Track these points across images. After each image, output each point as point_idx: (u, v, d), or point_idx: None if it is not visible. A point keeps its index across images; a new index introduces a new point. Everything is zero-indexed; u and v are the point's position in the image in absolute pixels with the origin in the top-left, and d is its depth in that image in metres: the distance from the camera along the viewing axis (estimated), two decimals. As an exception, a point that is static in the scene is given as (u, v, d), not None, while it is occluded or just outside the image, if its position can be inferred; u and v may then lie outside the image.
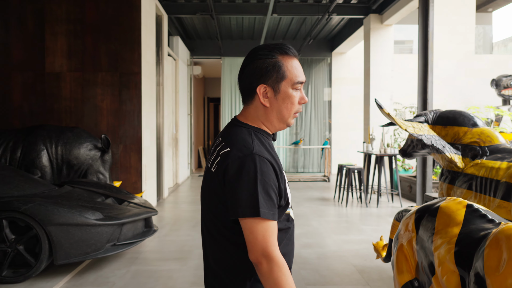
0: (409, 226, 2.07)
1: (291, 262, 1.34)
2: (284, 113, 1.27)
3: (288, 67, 1.24)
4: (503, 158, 2.82)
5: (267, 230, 1.13)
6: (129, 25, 5.68)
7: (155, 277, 3.50)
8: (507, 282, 1.32)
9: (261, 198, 1.13)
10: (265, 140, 1.27)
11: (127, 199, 4.24)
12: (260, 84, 1.24)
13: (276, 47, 1.26)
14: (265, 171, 1.16)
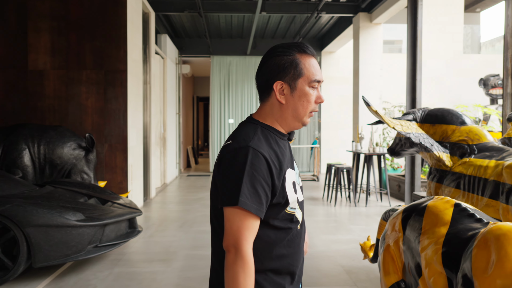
0: (395, 226, 2.01)
1: (294, 267, 1.28)
2: (300, 110, 1.25)
3: (306, 65, 1.24)
4: (491, 157, 2.78)
5: (244, 222, 1.13)
6: (114, 22, 5.57)
7: (138, 280, 3.41)
8: (496, 284, 1.27)
9: (245, 189, 1.13)
10: (271, 137, 1.25)
11: (111, 200, 4.13)
12: (277, 80, 1.24)
13: (295, 45, 1.26)
14: (256, 164, 1.15)
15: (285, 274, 1.26)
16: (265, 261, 1.22)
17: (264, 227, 1.21)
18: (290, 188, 1.23)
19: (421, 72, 5.90)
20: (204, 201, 7.15)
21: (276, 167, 1.19)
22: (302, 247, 1.33)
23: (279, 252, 1.23)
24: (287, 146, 1.31)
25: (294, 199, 1.25)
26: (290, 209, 1.24)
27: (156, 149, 8.48)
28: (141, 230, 4.06)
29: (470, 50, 14.19)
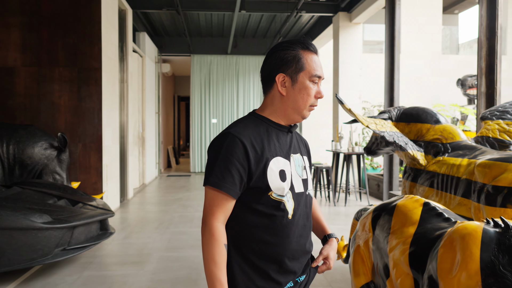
0: (366, 226, 1.97)
1: (282, 256, 1.29)
2: (300, 103, 1.31)
3: (308, 60, 1.30)
4: (464, 155, 2.78)
5: (214, 200, 1.24)
6: (88, 19, 5.42)
7: (108, 283, 3.30)
8: (460, 286, 1.23)
9: (217, 169, 1.23)
10: (263, 126, 1.31)
11: (82, 201, 4.01)
12: (280, 73, 1.30)
13: (299, 41, 1.33)
14: (231, 148, 1.23)
15: (269, 261, 1.28)
16: (247, 243, 1.28)
17: (246, 210, 1.28)
18: (274, 175, 1.26)
19: (399, 71, 5.92)
20: (183, 202, 7.04)
21: (257, 152, 1.25)
22: (299, 239, 1.34)
23: (262, 237, 1.27)
24: (286, 137, 1.36)
25: (279, 186, 1.27)
26: (276, 196, 1.27)
27: (134, 149, 8.33)
28: (113, 232, 3.94)
29: (449, 51, 14.38)
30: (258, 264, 1.28)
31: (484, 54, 3.84)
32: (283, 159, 1.30)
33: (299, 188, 1.34)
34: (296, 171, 1.34)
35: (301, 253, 1.35)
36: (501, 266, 1.16)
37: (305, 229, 1.37)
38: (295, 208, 1.32)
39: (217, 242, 1.22)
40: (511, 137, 2.95)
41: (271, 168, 1.26)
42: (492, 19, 3.74)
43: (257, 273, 1.28)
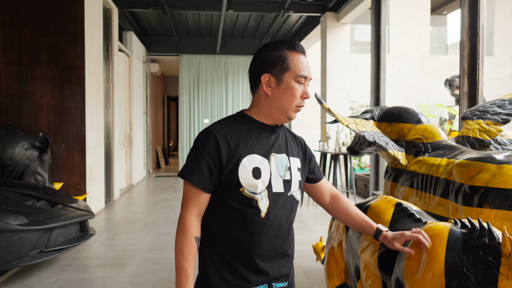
0: (340, 227, 1.95)
1: (253, 255, 1.27)
2: (285, 103, 1.30)
3: (294, 60, 1.30)
4: (444, 155, 2.76)
5: (187, 193, 1.28)
6: (70, 17, 5.34)
7: (86, 285, 3.25)
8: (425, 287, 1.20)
9: (188, 162, 1.28)
10: (244, 124, 1.32)
11: (62, 202, 3.94)
12: (265, 73, 1.30)
13: (285, 41, 1.33)
14: (204, 143, 1.26)
15: (239, 258, 1.27)
16: (220, 239, 1.28)
17: (219, 204, 1.29)
18: (246, 172, 1.26)
19: (385, 71, 5.92)
20: (169, 202, 6.98)
21: (230, 148, 1.26)
22: (274, 240, 1.30)
23: (233, 233, 1.27)
24: (268, 136, 1.34)
25: (250, 183, 1.26)
26: (248, 193, 1.26)
27: (121, 149, 8.24)
28: (93, 233, 3.88)
29: (438, 51, 14.47)
30: (229, 260, 1.28)
31: (466, 54, 3.84)
32: (260, 157, 1.29)
33: (278, 188, 1.31)
34: (278, 170, 1.32)
35: (275, 254, 1.32)
36: (464, 268, 1.14)
37: (282, 230, 1.33)
38: (270, 207, 1.29)
39: (186, 234, 1.25)
40: (491, 137, 2.94)
41: (244, 165, 1.26)
42: (474, 19, 3.75)
43: (227, 268, 1.27)
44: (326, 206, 1.51)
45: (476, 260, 1.14)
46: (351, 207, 1.49)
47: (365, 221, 1.45)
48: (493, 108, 3.08)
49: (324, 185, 1.51)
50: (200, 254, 1.32)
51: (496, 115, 3.02)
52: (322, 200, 1.51)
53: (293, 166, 1.37)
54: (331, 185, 1.54)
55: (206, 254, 1.30)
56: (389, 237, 1.37)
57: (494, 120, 3.00)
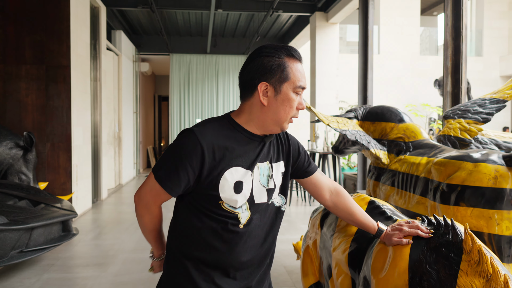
0: (315, 225, 1.94)
1: (229, 266, 1.24)
2: (281, 115, 1.23)
3: (293, 69, 1.22)
4: (424, 154, 2.78)
5: (150, 189, 1.23)
6: (56, 15, 5.29)
7: (67, 286, 3.21)
8: (388, 285, 1.20)
9: (167, 166, 1.19)
10: (233, 133, 1.23)
11: (45, 202, 3.90)
12: (263, 81, 1.21)
13: (284, 48, 1.24)
14: (188, 151, 1.17)
15: (215, 267, 1.23)
16: (193, 245, 1.23)
17: (194, 212, 1.23)
18: (228, 186, 1.20)
19: (373, 71, 5.94)
20: (157, 202, 6.94)
21: (215, 159, 1.18)
22: (252, 250, 1.26)
23: (209, 242, 1.22)
24: (255, 147, 1.26)
25: (231, 198, 1.20)
26: (228, 207, 1.21)
27: (110, 148, 8.19)
28: (76, 233, 3.85)
29: (429, 52, 14.57)
30: (204, 269, 1.23)
31: (450, 53, 3.86)
32: (244, 170, 1.22)
33: (260, 198, 1.26)
34: (260, 181, 1.26)
35: (251, 264, 1.27)
36: (427, 265, 1.14)
37: (260, 240, 1.28)
38: (249, 219, 1.24)
39: (144, 219, 1.30)
40: (471, 136, 2.96)
41: (226, 179, 1.19)
42: (457, 19, 3.77)
43: (201, 275, 1.22)
44: (327, 203, 1.43)
45: (439, 257, 1.14)
46: (353, 205, 1.42)
47: (368, 221, 1.40)
48: (474, 108, 3.09)
49: (320, 180, 1.43)
50: (171, 257, 1.27)
51: (476, 114, 3.04)
52: (321, 197, 1.43)
53: (276, 173, 1.30)
54: (330, 181, 1.45)
55: (178, 259, 1.25)
56: (388, 234, 1.32)
57: (475, 119, 3.02)
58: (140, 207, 1.28)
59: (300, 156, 1.40)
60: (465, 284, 1.02)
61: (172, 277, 1.26)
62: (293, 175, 1.40)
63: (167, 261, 1.29)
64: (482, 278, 1.01)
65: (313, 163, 1.44)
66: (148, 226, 1.33)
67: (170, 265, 1.27)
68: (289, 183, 1.38)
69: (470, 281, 1.02)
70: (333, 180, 1.48)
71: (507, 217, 2.06)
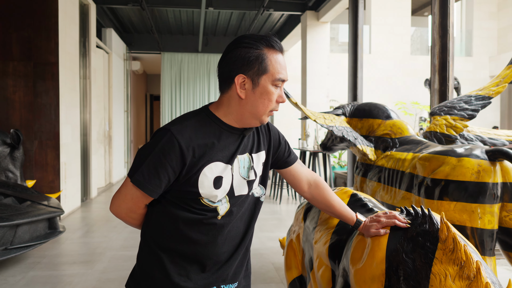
0: (299, 219, 1.94)
1: (206, 258, 1.22)
2: (260, 108, 1.19)
3: (272, 61, 1.18)
4: (410, 149, 2.79)
5: (129, 193, 1.18)
6: (44, 12, 5.25)
7: (52, 283, 3.18)
8: (366, 274, 1.20)
9: (145, 169, 1.14)
10: (212, 127, 1.20)
11: (32, 199, 3.86)
12: (240, 74, 1.17)
13: (263, 38, 1.19)
14: (166, 149, 1.13)
15: (192, 261, 1.21)
16: (169, 238, 1.20)
17: (172, 206, 1.20)
18: (208, 182, 1.17)
19: (362, 69, 5.95)
20: (147, 201, 6.91)
21: (194, 156, 1.15)
22: (230, 241, 1.24)
23: (185, 234, 1.20)
24: (235, 140, 1.23)
25: (210, 194, 1.18)
26: (207, 201, 1.19)
27: (100, 147, 8.14)
28: (63, 230, 3.81)
29: (420, 52, 14.66)
30: (180, 262, 1.21)
31: (437, 51, 3.88)
32: (224, 165, 1.19)
33: (240, 191, 1.24)
34: (240, 173, 1.24)
35: (229, 256, 1.26)
36: (404, 254, 1.14)
37: (239, 231, 1.26)
38: (228, 211, 1.23)
39: (131, 222, 1.28)
40: (457, 132, 2.98)
41: (205, 175, 1.16)
42: (444, 17, 3.79)
43: (175, 268, 1.20)
44: (305, 194, 1.42)
45: (415, 246, 1.14)
46: (332, 197, 1.40)
47: (347, 212, 1.39)
48: (460, 104, 3.11)
49: (299, 172, 1.41)
50: (145, 247, 1.25)
51: (462, 110, 3.06)
52: (300, 188, 1.41)
53: (256, 163, 1.28)
54: (310, 173, 1.44)
55: (152, 250, 1.22)
56: (367, 225, 1.31)
57: (461, 116, 3.04)
58: (122, 218, 1.24)
59: (280, 145, 1.37)
60: (439, 272, 1.03)
61: (145, 267, 1.23)
62: (273, 165, 1.38)
63: (141, 250, 1.26)
64: (456, 265, 1.01)
65: (294, 153, 1.42)
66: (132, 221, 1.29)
67: (144, 256, 1.24)
68: (268, 172, 1.36)
69: (444, 269, 1.02)
70: (314, 172, 1.45)
71: (489, 211, 2.08)
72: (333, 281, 1.45)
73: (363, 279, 1.20)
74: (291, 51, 11.14)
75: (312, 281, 1.62)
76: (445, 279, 1.00)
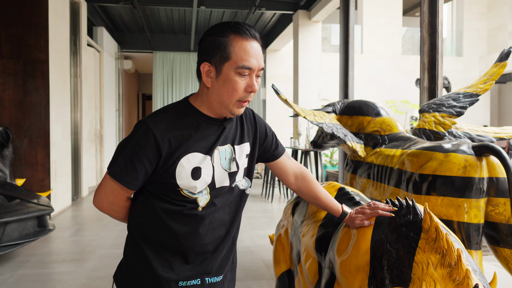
0: (287, 214, 1.95)
1: (188, 250, 1.21)
2: (224, 97, 1.16)
3: (236, 48, 1.14)
4: (399, 146, 2.81)
5: (108, 186, 1.19)
6: (34, 9, 5.21)
7: (41, 281, 3.16)
8: (351, 264, 1.22)
9: (121, 160, 1.15)
10: (189, 118, 1.19)
11: (21, 197, 3.83)
12: (205, 62, 1.17)
13: (230, 25, 1.16)
14: (142, 141, 1.13)
15: (174, 252, 1.21)
16: (152, 229, 1.21)
17: (153, 197, 1.20)
18: (185, 173, 1.16)
19: (353, 68, 5.99)
20: (139, 200, 6.88)
21: (171, 147, 1.15)
22: (212, 233, 1.23)
23: (167, 225, 1.19)
24: (215, 131, 1.22)
25: (188, 185, 1.17)
26: (187, 192, 1.19)
27: (91, 146, 8.09)
28: (52, 229, 3.79)
29: (411, 52, 14.78)
30: (162, 253, 1.20)
31: (426, 50, 3.91)
32: (202, 155, 1.18)
33: (221, 182, 1.23)
34: (221, 165, 1.22)
35: (214, 248, 1.24)
36: (388, 244, 1.16)
37: (222, 223, 1.25)
38: (209, 202, 1.22)
39: (115, 215, 1.28)
40: (445, 129, 3.01)
41: (182, 166, 1.16)
42: (433, 15, 3.83)
43: (158, 260, 1.19)
44: (292, 186, 1.42)
45: (399, 236, 1.15)
46: (318, 190, 1.40)
47: (333, 204, 1.39)
48: (448, 102, 3.14)
49: (286, 165, 1.41)
50: (130, 242, 1.25)
51: (450, 108, 3.09)
52: (287, 181, 1.42)
53: (239, 155, 1.27)
54: (297, 165, 1.43)
55: (136, 241, 1.22)
56: (352, 217, 1.32)
57: (449, 113, 3.07)
58: (105, 211, 1.25)
59: (267, 138, 1.36)
60: (421, 260, 1.04)
61: (130, 259, 1.23)
62: (260, 158, 1.37)
63: (127, 242, 1.26)
64: (438, 254, 1.03)
65: (281, 146, 1.42)
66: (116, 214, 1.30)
67: (130, 248, 1.25)
68: (255, 165, 1.36)
69: (426, 257, 1.04)
70: (301, 165, 1.46)
71: (476, 205, 2.10)
72: (320, 273, 1.46)
73: (348, 269, 1.21)
74: (284, 50, 11.17)
75: (299, 274, 1.63)
76: (427, 267, 1.02)
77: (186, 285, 1.21)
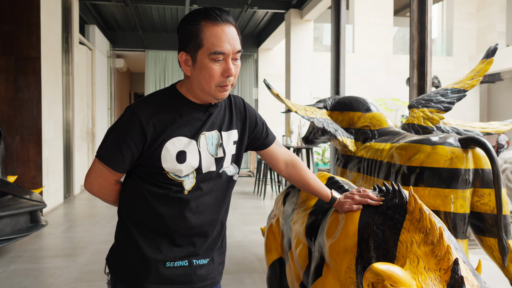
0: (278, 204, 1.99)
1: (174, 231, 1.23)
2: (203, 84, 1.18)
3: (207, 34, 1.14)
4: (388, 140, 2.87)
5: (96, 169, 1.23)
6: (25, 6, 5.20)
7: (34, 276, 3.17)
8: (339, 246, 1.26)
9: (109, 144, 1.19)
10: (175, 103, 1.22)
11: (13, 193, 3.83)
12: (181, 51, 1.20)
13: (201, 12, 1.17)
14: (127, 125, 1.17)
15: (161, 234, 1.23)
16: (139, 211, 1.23)
17: (140, 180, 1.23)
18: (170, 156, 1.19)
19: (345, 67, 6.05)
20: (131, 197, 6.89)
21: (156, 131, 1.18)
22: (198, 217, 1.25)
23: (154, 208, 1.22)
24: (201, 116, 1.24)
25: (174, 169, 1.20)
26: (173, 175, 1.21)
27: (83, 144, 8.07)
28: (45, 224, 3.79)
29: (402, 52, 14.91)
30: (149, 234, 1.22)
31: (415, 47, 3.98)
32: (187, 139, 1.21)
33: (208, 168, 1.25)
34: (208, 150, 1.24)
35: (201, 231, 1.26)
36: (375, 226, 1.20)
37: (208, 208, 1.27)
38: (195, 186, 1.24)
39: (105, 198, 1.32)
40: (434, 124, 3.07)
41: (167, 149, 1.18)
42: (422, 13, 3.89)
43: (146, 241, 1.22)
44: (283, 173, 1.45)
45: (385, 219, 1.20)
46: (308, 176, 1.43)
47: (322, 189, 1.42)
48: (437, 97, 3.21)
49: (276, 152, 1.43)
50: (120, 224, 1.28)
51: (439, 103, 3.15)
52: (277, 168, 1.45)
53: (226, 141, 1.28)
54: (287, 153, 1.46)
55: (125, 224, 1.25)
56: (341, 202, 1.36)
57: (437, 108, 3.13)
58: (96, 194, 1.29)
59: (257, 127, 1.38)
60: (406, 240, 1.09)
61: (120, 241, 1.27)
62: (251, 146, 1.40)
63: (117, 225, 1.30)
64: (422, 233, 1.07)
65: (272, 134, 1.44)
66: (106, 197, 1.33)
67: (119, 230, 1.28)
68: (243, 152, 1.38)
69: (410, 237, 1.08)
70: (291, 152, 1.49)
71: (462, 196, 2.16)
72: (310, 258, 1.51)
73: (337, 251, 1.26)
74: (276, 49, 11.22)
75: (290, 260, 1.67)
76: (411, 246, 1.06)
77: (173, 266, 1.24)
